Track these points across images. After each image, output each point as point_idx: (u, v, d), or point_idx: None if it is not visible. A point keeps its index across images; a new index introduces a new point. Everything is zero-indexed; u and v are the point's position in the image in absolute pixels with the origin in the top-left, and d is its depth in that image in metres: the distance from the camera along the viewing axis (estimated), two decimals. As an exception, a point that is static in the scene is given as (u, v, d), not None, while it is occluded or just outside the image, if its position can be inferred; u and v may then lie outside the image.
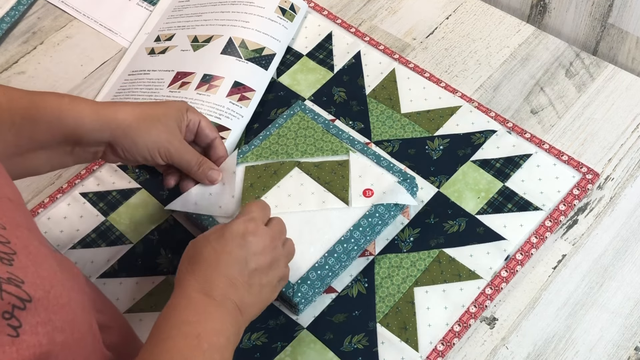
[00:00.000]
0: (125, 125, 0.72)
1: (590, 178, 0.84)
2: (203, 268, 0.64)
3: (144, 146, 0.74)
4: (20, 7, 1.08)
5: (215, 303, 0.63)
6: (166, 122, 0.75)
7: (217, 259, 0.65)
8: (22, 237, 0.50)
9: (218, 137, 0.81)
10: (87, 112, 0.71)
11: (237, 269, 0.65)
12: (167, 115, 0.75)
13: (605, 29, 0.97)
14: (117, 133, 0.72)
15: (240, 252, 0.66)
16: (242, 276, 0.65)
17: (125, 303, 0.80)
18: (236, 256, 0.65)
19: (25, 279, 0.46)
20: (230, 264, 0.65)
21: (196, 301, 0.62)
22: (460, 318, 0.76)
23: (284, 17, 1.00)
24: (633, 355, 0.74)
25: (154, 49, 1.01)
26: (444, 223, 0.82)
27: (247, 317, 0.66)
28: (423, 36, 1.00)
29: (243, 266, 0.65)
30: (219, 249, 0.66)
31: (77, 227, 0.86)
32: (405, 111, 0.92)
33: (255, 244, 0.67)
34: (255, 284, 0.66)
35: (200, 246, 0.66)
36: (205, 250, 0.66)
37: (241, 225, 0.67)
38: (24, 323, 0.44)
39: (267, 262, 0.67)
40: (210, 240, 0.66)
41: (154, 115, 0.75)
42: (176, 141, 0.76)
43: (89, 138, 0.71)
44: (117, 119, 0.72)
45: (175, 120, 0.76)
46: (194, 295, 0.63)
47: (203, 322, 0.61)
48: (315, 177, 0.83)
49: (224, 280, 0.64)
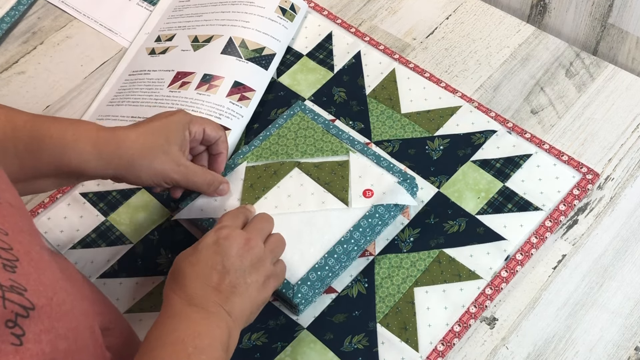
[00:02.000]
0: (127, 160, 0.72)
1: (591, 178, 0.84)
2: (184, 282, 0.65)
3: (148, 178, 0.74)
4: (20, 7, 1.08)
5: (197, 309, 0.63)
6: (168, 150, 0.74)
7: (195, 271, 0.66)
8: (25, 242, 0.49)
9: (223, 135, 0.81)
10: (89, 150, 0.70)
11: (216, 274, 0.66)
12: (169, 141, 0.74)
13: (605, 29, 0.97)
14: (120, 169, 0.72)
15: (216, 258, 0.66)
16: (223, 280, 0.65)
17: (125, 303, 0.80)
18: (212, 263, 0.66)
19: (27, 287, 0.46)
20: (208, 272, 0.66)
21: (179, 312, 0.63)
22: (460, 318, 0.76)
23: (284, 17, 1.00)
24: (633, 355, 0.74)
25: (154, 49, 1.01)
26: (444, 223, 0.82)
27: (237, 317, 0.65)
28: (423, 36, 1.00)
29: (221, 270, 0.66)
30: (194, 261, 0.66)
31: (77, 227, 0.86)
32: (405, 111, 0.92)
33: (229, 247, 0.67)
34: (239, 285, 0.66)
35: (179, 264, 0.67)
36: (183, 265, 0.67)
37: (212, 234, 0.69)
38: (28, 331, 0.44)
39: (246, 262, 0.67)
40: (187, 255, 0.68)
41: (156, 145, 0.74)
42: (181, 168, 0.75)
43: (91, 174, 0.72)
44: (119, 155, 0.71)
45: (178, 144, 0.75)
46: (178, 308, 0.64)
47: (185, 328, 0.61)
48: (315, 177, 0.83)
49: (204, 287, 0.65)
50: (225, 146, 0.82)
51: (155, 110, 0.92)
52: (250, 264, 0.68)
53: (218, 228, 0.69)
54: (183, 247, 0.83)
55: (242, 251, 0.67)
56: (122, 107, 0.95)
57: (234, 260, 0.67)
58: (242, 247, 0.68)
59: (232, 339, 0.64)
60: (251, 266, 0.68)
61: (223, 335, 0.63)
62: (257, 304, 0.68)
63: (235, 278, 0.66)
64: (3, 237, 0.48)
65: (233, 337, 0.64)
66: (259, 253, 0.69)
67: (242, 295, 0.66)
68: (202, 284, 0.65)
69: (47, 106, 0.98)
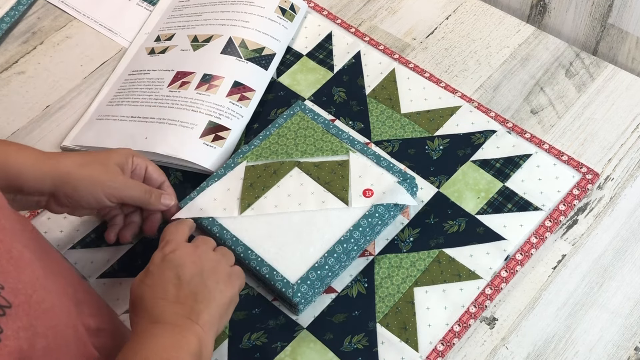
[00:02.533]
0: (65, 172, 0.73)
1: (590, 178, 0.84)
2: (144, 305, 0.65)
3: (85, 190, 0.74)
4: (20, 7, 1.08)
5: (161, 326, 0.63)
6: (106, 164, 0.76)
7: (152, 291, 0.66)
8: (5, 240, 0.49)
9: (166, 181, 0.81)
10: (31, 161, 0.72)
11: (172, 287, 0.65)
12: (109, 158, 0.76)
13: (605, 29, 0.97)
14: (57, 182, 0.73)
15: (168, 272, 0.66)
16: (181, 290, 0.65)
17: (125, 303, 0.80)
18: (166, 277, 0.66)
19: (5, 285, 0.45)
20: (165, 287, 0.65)
21: (143, 332, 0.63)
22: (460, 318, 0.76)
23: (284, 17, 1.00)
24: (633, 355, 0.74)
25: (154, 49, 1.01)
26: (444, 223, 0.82)
27: (206, 324, 0.65)
28: (423, 36, 1.00)
29: (177, 281, 0.66)
30: (150, 282, 0.66)
31: (77, 227, 0.86)
32: (405, 111, 0.92)
33: (179, 257, 0.67)
34: (199, 291, 0.66)
35: (135, 288, 0.67)
36: (139, 289, 0.66)
37: (159, 253, 0.69)
38: (5, 328, 0.44)
39: (201, 267, 0.67)
40: (141, 280, 0.67)
41: (95, 159, 0.75)
42: (119, 178, 0.76)
43: (30, 187, 0.72)
44: (58, 168, 0.73)
45: (118, 163, 0.77)
46: (141, 329, 0.63)
47: (150, 345, 0.61)
48: (315, 177, 0.83)
49: (165, 303, 0.64)
50: (172, 191, 0.81)
51: (155, 110, 0.92)
52: (206, 267, 0.67)
53: (162, 246, 0.70)
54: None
55: (194, 258, 0.67)
56: (122, 107, 0.95)
57: (187, 268, 0.66)
58: (193, 255, 0.68)
59: (205, 347, 0.63)
60: (208, 270, 0.67)
61: (191, 345, 0.62)
62: (224, 305, 0.68)
63: (193, 286, 0.66)
64: None
65: (206, 345, 0.63)
66: (212, 257, 0.69)
67: (205, 301, 0.66)
68: (161, 300, 0.64)
69: (47, 106, 0.98)
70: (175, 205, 0.81)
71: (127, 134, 0.91)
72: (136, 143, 0.89)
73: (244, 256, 0.78)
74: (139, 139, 0.89)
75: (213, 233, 0.80)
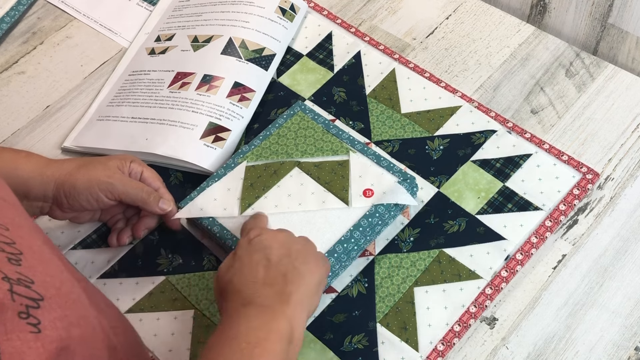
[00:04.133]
0: (65, 173, 0.76)
1: (591, 178, 0.84)
2: (233, 288, 0.66)
3: (83, 187, 0.75)
4: (20, 7, 1.08)
5: (250, 307, 0.64)
6: (105, 164, 0.78)
7: (240, 274, 0.67)
8: (26, 237, 0.50)
9: (162, 187, 0.82)
10: (38, 168, 0.75)
11: (262, 269, 0.66)
12: (108, 160, 0.79)
13: (605, 29, 0.97)
14: (59, 184, 0.75)
15: (256, 255, 0.68)
16: (270, 271, 0.66)
17: (125, 303, 0.80)
18: (255, 260, 0.67)
19: (34, 279, 0.46)
20: (254, 269, 0.67)
21: (232, 314, 0.64)
22: (460, 318, 0.76)
23: (284, 17, 1.00)
24: (633, 355, 0.74)
25: (154, 49, 1.01)
26: (444, 223, 0.82)
27: (296, 304, 0.65)
28: (423, 36, 1.00)
29: (266, 263, 0.67)
30: (238, 266, 0.67)
31: (78, 227, 0.86)
32: (405, 111, 0.92)
33: (265, 240, 0.69)
34: (288, 272, 0.66)
35: (223, 275, 0.68)
36: (228, 275, 0.68)
37: (244, 238, 0.71)
38: (43, 320, 0.45)
39: (289, 249, 0.68)
40: (228, 266, 0.69)
41: (94, 160, 0.78)
42: (117, 175, 0.77)
43: (36, 193, 0.75)
44: (60, 171, 0.76)
45: (116, 164, 0.78)
46: (231, 311, 0.64)
47: (238, 326, 0.62)
48: (315, 177, 0.83)
49: (254, 285, 0.65)
50: (170, 197, 0.82)
51: (156, 110, 0.92)
52: (293, 249, 0.69)
53: (245, 233, 0.71)
54: (183, 247, 0.84)
55: (281, 240, 0.69)
56: (122, 107, 0.95)
57: (277, 250, 0.68)
58: (279, 237, 0.69)
59: (296, 328, 0.64)
60: (296, 251, 0.69)
61: (280, 326, 0.62)
62: (314, 284, 0.68)
63: (283, 266, 0.66)
64: (4, 232, 0.48)
65: (296, 325, 0.64)
66: (298, 239, 0.71)
67: (295, 281, 0.66)
68: (251, 283, 0.66)
69: (47, 106, 0.98)
70: (173, 210, 0.82)
71: (128, 134, 0.91)
72: (136, 144, 0.89)
73: (244, 256, 0.78)
74: (139, 140, 0.89)
75: (213, 233, 0.80)
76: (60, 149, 0.94)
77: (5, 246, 0.47)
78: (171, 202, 0.81)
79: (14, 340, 0.42)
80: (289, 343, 0.62)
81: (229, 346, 0.60)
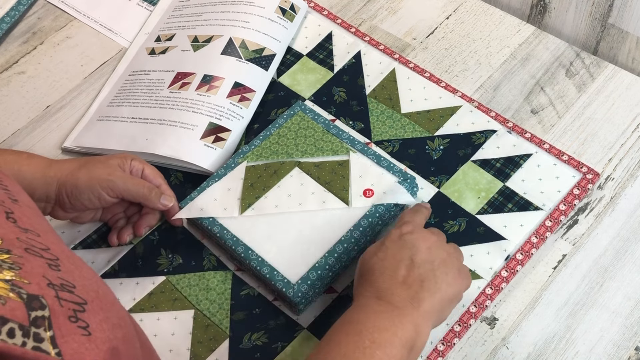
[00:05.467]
0: (67, 173, 0.76)
1: (591, 178, 0.84)
2: (372, 277, 0.66)
3: (84, 186, 0.76)
4: (20, 7, 1.08)
5: (382, 303, 0.64)
6: (106, 162, 0.78)
7: (383, 265, 0.67)
8: (56, 242, 0.50)
9: (164, 183, 0.82)
10: (40, 169, 0.75)
11: (404, 268, 0.66)
12: (108, 158, 0.79)
13: (606, 29, 0.97)
14: (60, 183, 0.76)
15: (402, 252, 0.68)
16: (411, 273, 0.66)
17: (125, 303, 0.80)
18: (400, 257, 0.67)
19: (75, 283, 0.47)
20: (396, 265, 0.67)
21: (364, 305, 0.64)
22: (460, 318, 0.76)
23: (284, 17, 1.00)
24: (633, 355, 0.74)
25: (154, 49, 1.01)
26: (444, 223, 0.82)
27: (426, 313, 0.65)
28: (423, 36, 1.00)
29: (409, 263, 0.67)
30: (382, 256, 0.68)
31: (78, 227, 0.86)
32: (405, 111, 0.92)
33: (415, 240, 0.68)
34: (427, 279, 0.66)
35: (367, 259, 0.69)
36: (371, 261, 0.68)
37: (396, 230, 0.70)
38: (90, 322, 0.45)
39: (435, 256, 0.68)
40: (374, 252, 0.69)
41: (95, 160, 0.79)
42: (118, 173, 0.78)
43: (39, 194, 0.75)
44: (61, 171, 0.76)
45: (117, 163, 0.79)
46: (364, 301, 0.65)
47: (366, 320, 0.62)
48: (315, 177, 0.83)
49: (392, 281, 0.66)
50: (172, 193, 0.82)
51: (156, 111, 0.92)
52: (439, 258, 0.68)
53: (401, 224, 0.71)
54: (183, 247, 0.84)
55: (429, 244, 0.69)
56: (122, 107, 0.95)
57: (422, 254, 0.67)
58: (428, 240, 0.69)
59: (419, 336, 0.64)
60: (440, 260, 0.68)
61: (406, 331, 0.62)
62: (448, 299, 0.68)
63: (424, 271, 0.66)
64: (36, 238, 0.48)
65: (421, 334, 0.64)
66: (446, 248, 0.70)
67: (431, 290, 0.66)
68: (389, 277, 0.66)
69: (47, 106, 0.98)
70: (175, 206, 0.81)
71: (128, 135, 0.91)
72: (137, 144, 0.89)
73: (244, 256, 0.78)
74: (139, 140, 0.89)
75: (213, 233, 0.80)
76: (60, 149, 0.94)
77: (43, 252, 0.47)
78: (172, 198, 0.81)
79: (71, 343, 0.42)
80: (410, 350, 0.62)
81: (353, 341, 0.61)
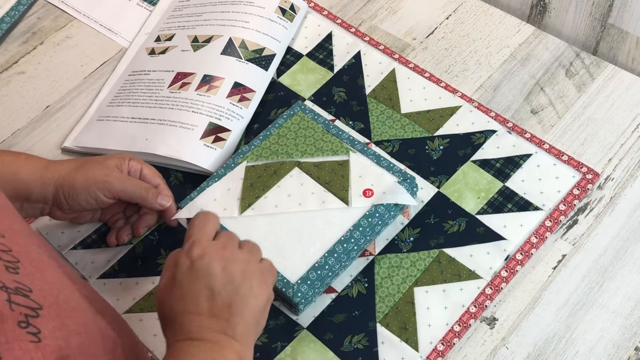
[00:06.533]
0: (64, 174, 0.76)
1: (591, 178, 0.84)
2: (177, 321, 0.61)
3: (81, 187, 0.75)
4: (20, 7, 1.08)
5: (198, 343, 0.60)
6: (103, 163, 0.78)
7: (182, 305, 0.62)
8: (22, 243, 0.49)
9: (162, 183, 0.81)
10: (38, 170, 0.75)
11: (204, 299, 0.62)
12: (106, 159, 0.79)
13: (605, 29, 0.97)
14: (58, 184, 0.75)
15: (198, 284, 0.62)
16: (214, 303, 0.62)
17: (125, 303, 0.80)
18: (197, 289, 0.62)
19: (32, 287, 0.46)
20: (196, 300, 0.62)
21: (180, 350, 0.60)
22: (460, 318, 0.76)
23: (284, 17, 1.00)
24: (633, 355, 0.74)
25: (154, 49, 1.01)
26: (444, 223, 0.82)
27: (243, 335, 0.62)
28: (423, 36, 1.00)
29: (209, 294, 0.62)
30: (179, 295, 0.62)
31: (78, 228, 0.86)
32: (405, 111, 0.92)
33: (207, 265, 0.62)
34: (234, 302, 0.62)
35: (164, 300, 0.63)
36: (169, 302, 0.63)
37: (184, 257, 0.64)
38: (42, 329, 0.44)
39: (232, 273, 0.63)
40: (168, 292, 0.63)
41: (92, 160, 0.78)
42: (115, 173, 0.77)
43: (37, 195, 0.75)
44: (59, 172, 0.76)
45: (114, 163, 0.78)
46: (178, 346, 0.60)
47: None
48: (315, 177, 0.83)
49: (199, 318, 0.61)
50: (170, 193, 0.81)
51: (156, 111, 0.92)
52: (238, 273, 0.63)
53: (188, 248, 0.64)
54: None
55: (223, 263, 0.63)
56: (122, 107, 0.95)
57: (219, 278, 0.62)
58: (221, 260, 0.63)
59: (244, 358, 0.61)
60: (240, 275, 0.63)
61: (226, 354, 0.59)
62: (259, 310, 0.64)
63: (227, 295, 0.62)
64: (0, 239, 0.47)
65: (245, 356, 0.61)
66: (241, 257, 0.65)
67: (241, 311, 0.62)
68: (194, 315, 0.61)
69: (47, 106, 0.98)
70: (172, 206, 0.81)
71: (128, 135, 0.91)
72: (137, 144, 0.89)
73: (244, 256, 0.78)
74: (139, 140, 0.89)
75: (213, 233, 0.80)
76: (60, 149, 0.94)
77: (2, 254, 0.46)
78: (170, 198, 0.81)
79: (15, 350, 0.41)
80: None
81: None
